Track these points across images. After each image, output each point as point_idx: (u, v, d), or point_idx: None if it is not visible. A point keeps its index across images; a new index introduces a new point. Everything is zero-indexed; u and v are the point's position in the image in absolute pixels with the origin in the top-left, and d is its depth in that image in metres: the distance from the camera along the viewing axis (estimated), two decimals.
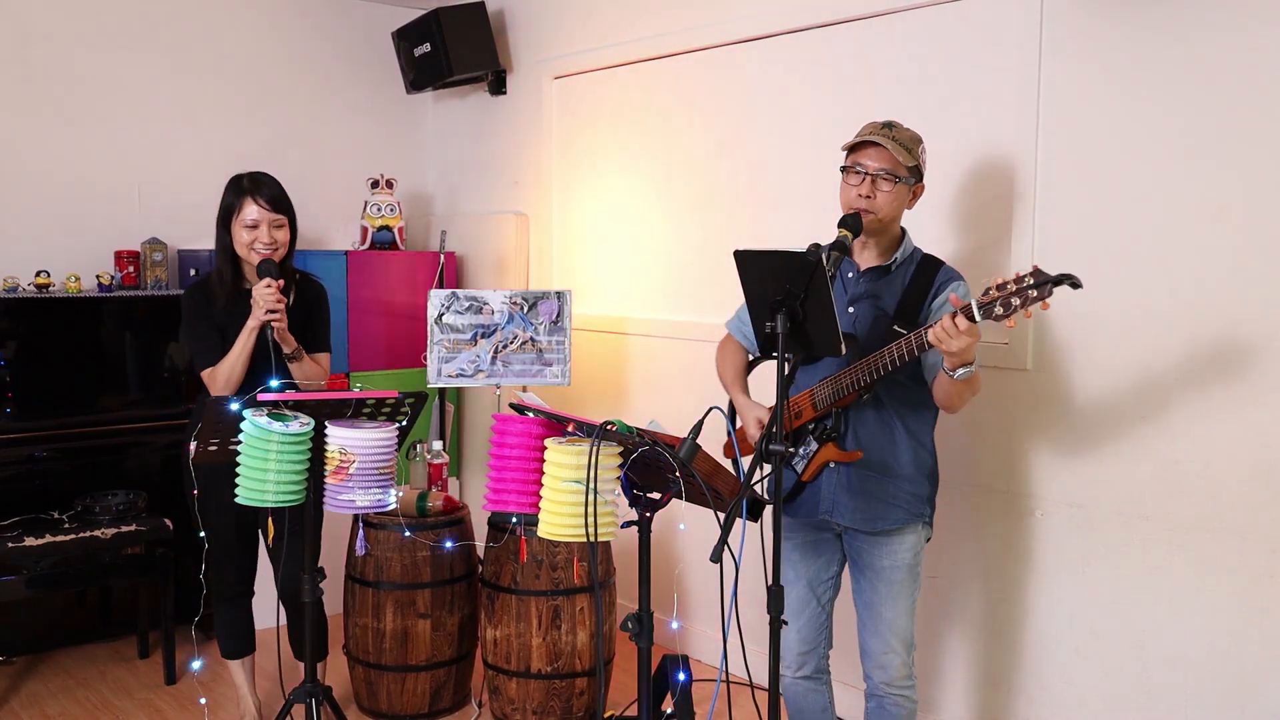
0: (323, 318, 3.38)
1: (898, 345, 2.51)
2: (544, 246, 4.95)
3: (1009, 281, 2.33)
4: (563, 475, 2.37)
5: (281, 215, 3.21)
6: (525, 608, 3.53)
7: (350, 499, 2.65)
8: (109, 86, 4.65)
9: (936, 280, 2.69)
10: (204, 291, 3.28)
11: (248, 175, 3.25)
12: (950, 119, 3.34)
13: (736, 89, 4.06)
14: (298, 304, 3.31)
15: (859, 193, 2.66)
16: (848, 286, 2.76)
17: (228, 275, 3.24)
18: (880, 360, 2.55)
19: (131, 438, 4.32)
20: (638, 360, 4.52)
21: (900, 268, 2.73)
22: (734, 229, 4.08)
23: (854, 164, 2.69)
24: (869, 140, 2.67)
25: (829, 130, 3.69)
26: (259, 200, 3.17)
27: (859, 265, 2.76)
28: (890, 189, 2.65)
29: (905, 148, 2.65)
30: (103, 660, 4.26)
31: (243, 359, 3.15)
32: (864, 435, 2.72)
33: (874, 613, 2.78)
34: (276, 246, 3.19)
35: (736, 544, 2.20)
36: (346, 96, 5.31)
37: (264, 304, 3.08)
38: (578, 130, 4.78)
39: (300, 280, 3.36)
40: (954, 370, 2.46)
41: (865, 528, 2.74)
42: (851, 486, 2.73)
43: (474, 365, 4.11)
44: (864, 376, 2.60)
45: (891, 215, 2.68)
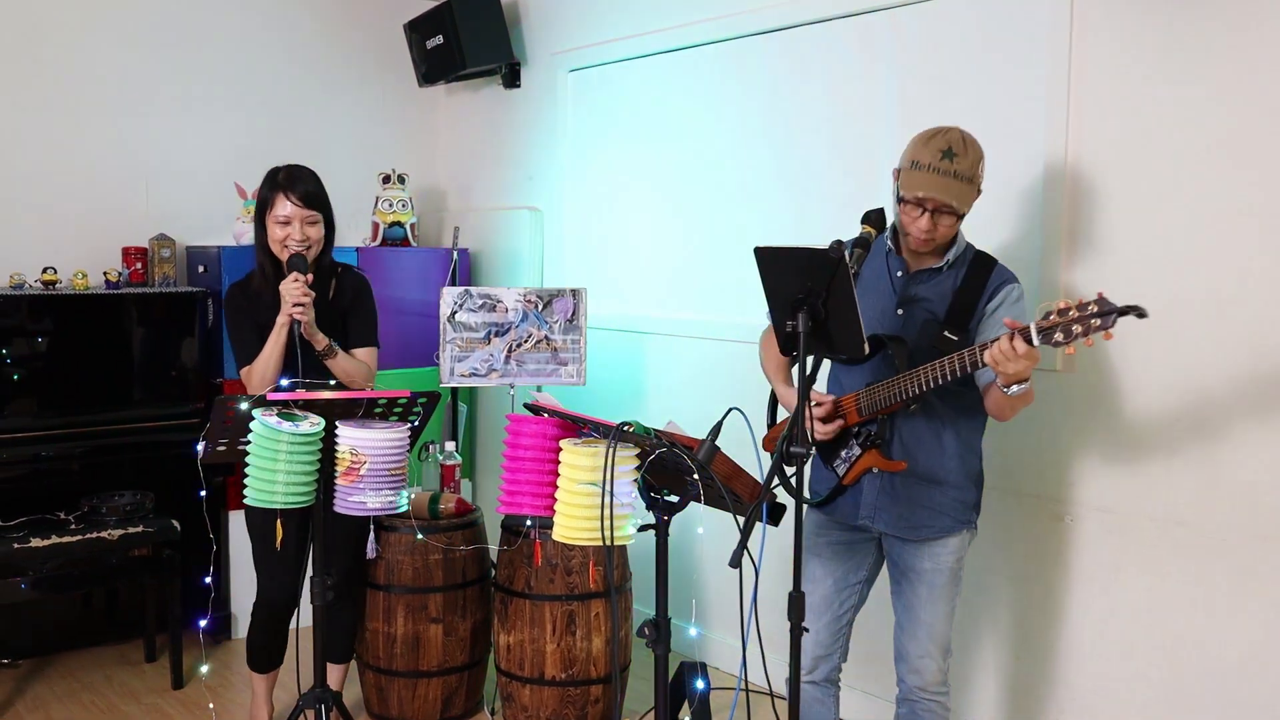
0: (367, 311, 3.37)
1: (949, 361, 2.49)
2: (559, 243, 4.95)
3: (1071, 307, 2.30)
4: (578, 477, 2.36)
5: (315, 211, 3.21)
6: (539, 613, 3.54)
7: (361, 501, 2.66)
8: (117, 81, 4.68)
9: (990, 283, 2.66)
10: (244, 289, 3.29)
11: (284, 169, 3.24)
12: (977, 110, 3.32)
13: (757, 82, 4.05)
14: (338, 297, 3.31)
15: (920, 227, 2.60)
16: (896, 287, 2.74)
17: (269, 271, 3.23)
18: (932, 373, 2.52)
19: (139, 437, 4.34)
20: (655, 360, 4.52)
21: (952, 269, 2.71)
22: (754, 225, 4.07)
23: (911, 195, 2.59)
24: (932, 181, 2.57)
25: (853, 124, 3.68)
26: (291, 196, 3.18)
27: (908, 264, 2.74)
28: (951, 224, 2.62)
29: (969, 181, 2.57)
30: (109, 664, 4.28)
31: (275, 356, 3.15)
32: (911, 442, 2.70)
33: (913, 615, 2.77)
34: (309, 243, 3.19)
35: (756, 548, 2.19)
36: (357, 90, 5.32)
37: (290, 299, 3.09)
38: (594, 124, 4.78)
39: (341, 273, 3.36)
40: (1008, 386, 2.45)
41: (908, 536, 2.73)
42: (895, 494, 2.72)
43: (487, 364, 4.11)
44: (913, 387, 2.57)
45: (951, 237, 2.67)
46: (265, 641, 3.40)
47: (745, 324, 3.98)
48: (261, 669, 3.45)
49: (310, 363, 3.14)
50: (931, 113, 2.79)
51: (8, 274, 4.22)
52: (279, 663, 3.47)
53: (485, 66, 5.01)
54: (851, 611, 2.90)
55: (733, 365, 4.08)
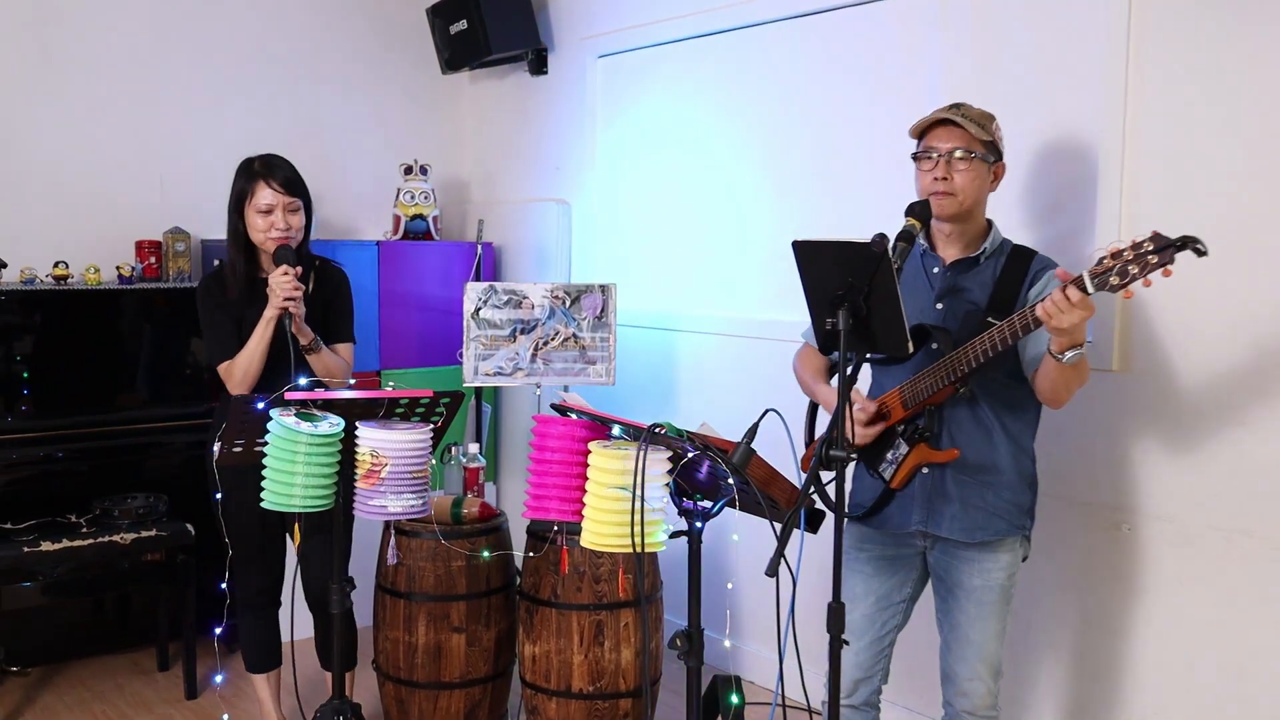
0: (344, 306, 3.41)
1: (999, 329, 2.48)
2: (588, 237, 4.95)
3: (1125, 249, 2.28)
4: (607, 481, 2.36)
5: (296, 198, 3.24)
6: (566, 622, 3.54)
7: (382, 504, 2.67)
8: (131, 70, 4.72)
9: (1031, 269, 2.66)
10: (218, 282, 3.32)
11: (259, 158, 3.29)
12: (1028, 98, 3.29)
13: (796, 67, 4.04)
14: (317, 292, 3.34)
15: (935, 176, 2.64)
16: (933, 282, 2.74)
17: (240, 265, 3.27)
18: (981, 345, 2.51)
19: (152, 438, 4.38)
20: (687, 359, 4.51)
21: (989, 260, 2.71)
22: (792, 217, 4.06)
23: (925, 148, 2.67)
24: (938, 120, 2.65)
25: (896, 112, 3.66)
26: (272, 183, 3.21)
27: (944, 259, 2.74)
28: (967, 167, 2.62)
29: (978, 124, 2.64)
30: (120, 672, 4.33)
31: (260, 351, 3.18)
32: (960, 437, 2.68)
33: (961, 635, 2.75)
34: (292, 232, 3.22)
35: (794, 557, 2.18)
36: (378, 78, 5.35)
37: (281, 292, 3.11)
38: (624, 112, 4.78)
39: (320, 267, 3.39)
40: (1062, 353, 2.43)
41: (964, 538, 2.71)
42: (948, 493, 2.70)
43: (513, 363, 4.12)
44: (960, 367, 2.56)
45: (974, 197, 2.66)
46: (259, 638, 3.48)
47: (783, 321, 3.97)
48: (261, 668, 3.51)
49: (298, 357, 3.16)
50: (979, 100, 2.76)
51: (18, 268, 4.27)
52: (277, 663, 3.53)
53: (511, 53, 5.02)
54: (894, 632, 2.88)
55: (769, 364, 4.07)
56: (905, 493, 2.75)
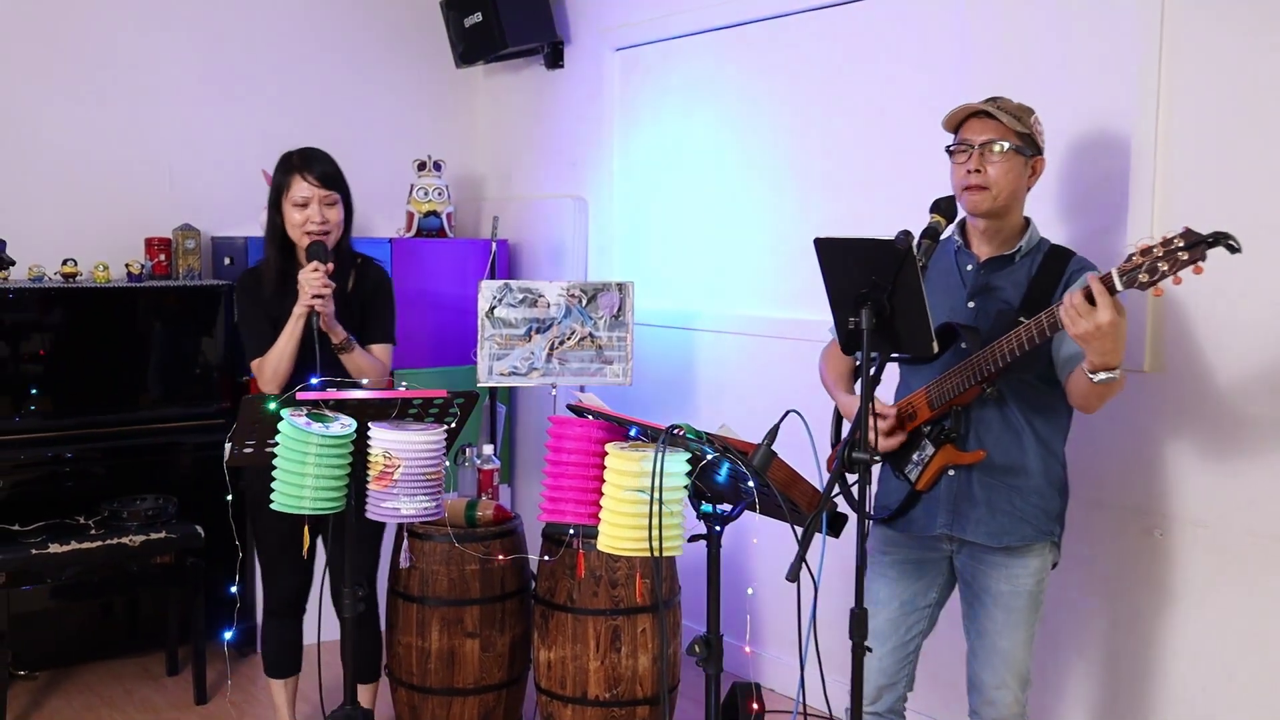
0: (384, 306, 3.42)
1: (1025, 328, 2.47)
2: (605, 234, 4.96)
3: (1154, 246, 2.26)
4: (625, 484, 2.37)
5: (334, 192, 3.26)
6: (582, 628, 3.55)
7: (394, 507, 2.68)
8: (140, 64, 4.76)
9: (1068, 269, 2.65)
10: (256, 278, 3.36)
11: (298, 151, 3.31)
12: (1058, 90, 3.29)
13: (819, 60, 4.04)
14: (356, 291, 3.36)
15: (968, 169, 2.63)
16: (966, 280, 2.74)
17: (276, 260, 3.30)
18: (1006, 346, 2.51)
19: (162, 438, 4.42)
20: (707, 359, 4.52)
21: (1025, 259, 2.70)
22: (815, 215, 4.06)
23: (960, 141, 2.67)
24: (973, 112, 2.65)
25: (924, 107, 3.66)
26: (308, 177, 3.23)
27: (978, 256, 2.74)
28: (1002, 160, 2.61)
29: (1014, 115, 2.63)
30: (129, 677, 4.36)
31: (289, 349, 3.21)
32: (988, 438, 2.68)
33: (988, 642, 2.75)
34: (329, 227, 3.24)
35: (816, 561, 2.19)
36: (391, 71, 5.37)
37: (309, 289, 3.13)
38: (642, 106, 4.79)
39: (360, 265, 3.41)
40: (1095, 373, 2.41)
41: (990, 543, 2.70)
42: (974, 497, 2.70)
43: (528, 363, 4.13)
44: (987, 366, 2.55)
45: (1009, 192, 2.64)
46: (279, 644, 3.50)
47: (805, 320, 3.97)
48: (280, 673, 3.52)
49: (329, 358, 3.18)
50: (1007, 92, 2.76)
51: (26, 266, 4.30)
52: (297, 669, 3.54)
53: (526, 46, 5.04)
54: (919, 637, 2.88)
55: (791, 364, 4.07)
56: (931, 495, 2.75)
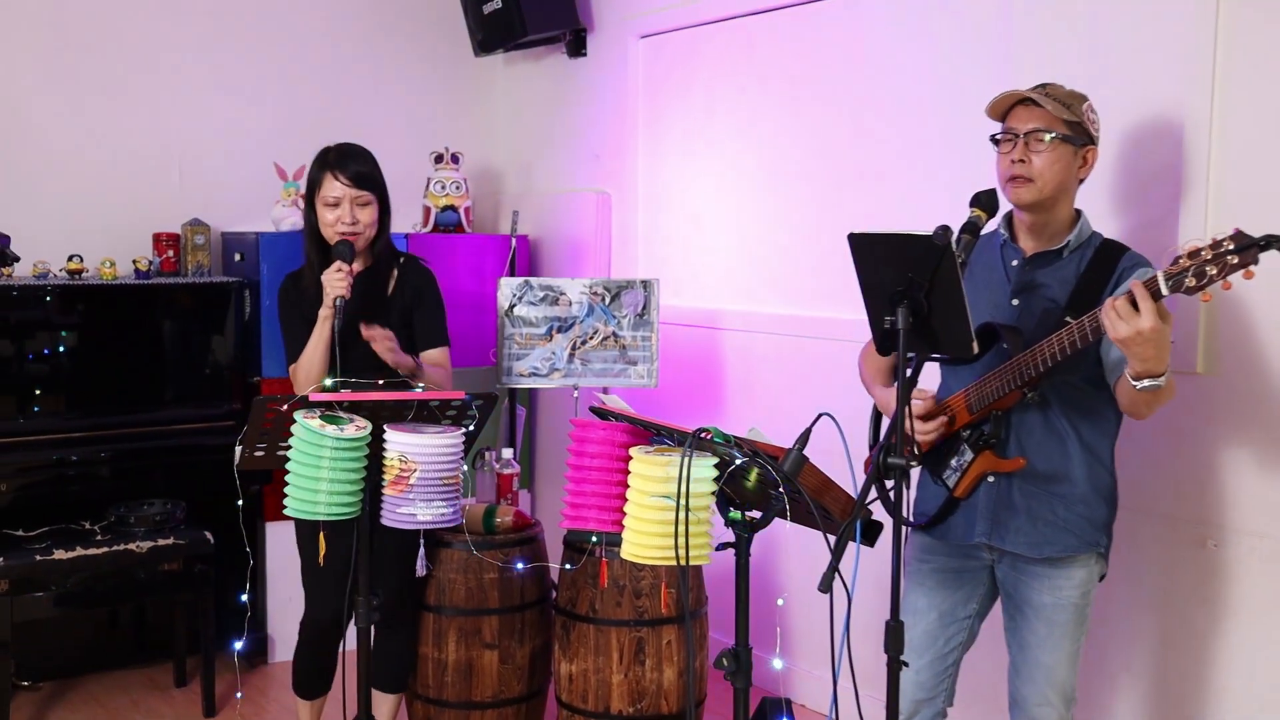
0: (434, 306, 3.41)
1: (1068, 331, 2.46)
2: (628, 229, 4.96)
3: (1203, 248, 2.24)
4: (650, 489, 2.37)
5: (366, 192, 3.26)
6: (605, 639, 3.55)
7: (410, 513, 2.69)
8: (147, 54, 4.79)
9: (1119, 266, 2.62)
10: (296, 280, 3.37)
11: (335, 147, 3.32)
12: (1105, 77, 3.26)
13: (853, 46, 4.02)
14: (399, 291, 3.37)
15: (1012, 159, 2.62)
16: (1011, 276, 2.72)
17: (315, 260, 3.30)
18: (1049, 349, 2.49)
19: (170, 440, 4.43)
20: (735, 359, 4.51)
21: (1074, 254, 2.67)
22: (848, 208, 4.04)
23: (1005, 129, 2.65)
24: (1019, 99, 2.63)
25: (965, 93, 3.64)
26: (341, 176, 3.24)
27: (1024, 251, 2.72)
28: (1047, 149, 2.59)
29: (1062, 103, 2.60)
30: (136, 688, 4.38)
31: (318, 353, 3.22)
32: (1029, 444, 2.67)
33: (1030, 657, 2.73)
34: (359, 228, 3.25)
35: (849, 571, 2.18)
36: (407, 61, 5.39)
37: (331, 291, 3.14)
38: (667, 97, 4.79)
39: (404, 264, 3.41)
40: (1138, 379, 2.39)
41: (1030, 553, 2.69)
42: (1015, 505, 2.68)
43: (549, 363, 4.14)
44: (1028, 370, 2.54)
45: (1055, 184, 2.61)
46: (312, 665, 3.44)
47: (838, 319, 3.96)
48: (308, 694, 3.50)
49: (351, 362, 3.18)
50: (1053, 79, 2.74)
51: (31, 262, 4.33)
52: (327, 688, 3.50)
53: (548, 34, 5.04)
54: (959, 650, 2.86)
55: (823, 365, 4.06)
56: (969, 502, 2.74)
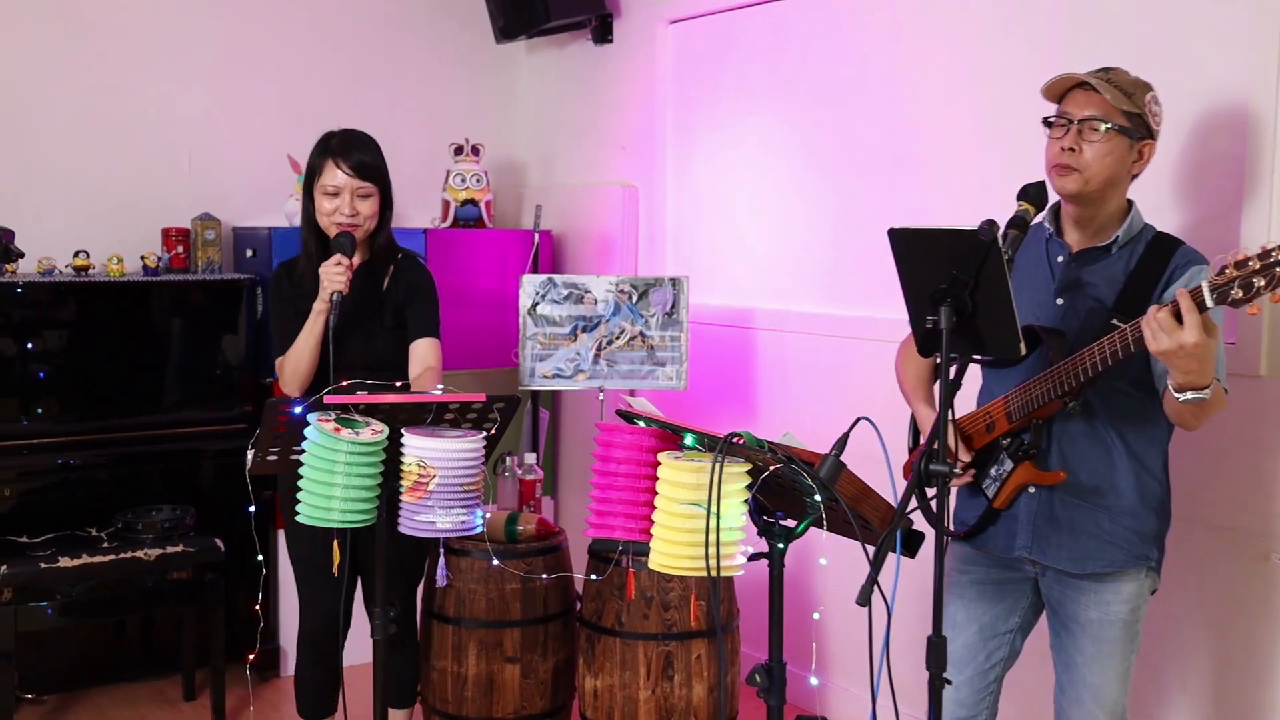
0: (424, 304, 3.42)
1: (1109, 340, 2.44)
2: (656, 224, 4.96)
3: (1252, 258, 2.21)
4: (679, 497, 2.37)
5: (369, 184, 3.28)
6: (631, 654, 3.55)
7: (429, 520, 2.70)
8: (156, 43, 4.82)
9: (1171, 263, 2.59)
10: (289, 270, 3.39)
11: (340, 133, 3.34)
12: (1164, 61, 3.23)
13: (893, 31, 4.01)
14: (393, 288, 3.38)
15: (1062, 145, 2.59)
16: (1056, 273, 2.70)
17: (313, 250, 3.31)
18: (1090, 358, 2.47)
19: (179, 444, 4.46)
20: (768, 360, 4.51)
21: (1123, 250, 2.65)
22: (888, 202, 4.03)
23: (1058, 113, 2.63)
24: (1077, 82, 2.60)
25: (1013, 81, 3.62)
26: (342, 164, 3.25)
27: (1070, 247, 2.70)
28: (1101, 139, 2.56)
29: (1124, 91, 2.57)
30: (143, 701, 4.41)
31: (308, 347, 3.22)
32: (1072, 454, 2.65)
33: (1076, 675, 2.71)
34: (359, 220, 3.27)
35: (889, 584, 2.17)
36: (425, 48, 5.40)
37: (329, 285, 3.15)
38: (697, 85, 4.78)
39: (401, 260, 3.43)
40: (1181, 391, 2.37)
41: (1072, 569, 2.68)
42: (1056, 517, 2.67)
43: (573, 364, 4.14)
44: (1069, 379, 2.53)
45: (1104, 177, 2.59)
46: (314, 684, 3.44)
47: (877, 319, 3.95)
48: (313, 715, 3.50)
49: (344, 359, 3.19)
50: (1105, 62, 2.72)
51: (36, 258, 4.36)
52: (332, 710, 3.48)
53: (572, 19, 5.05)
54: (1001, 666, 2.85)
55: (861, 367, 4.05)
56: (1010, 513, 2.73)
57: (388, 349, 3.37)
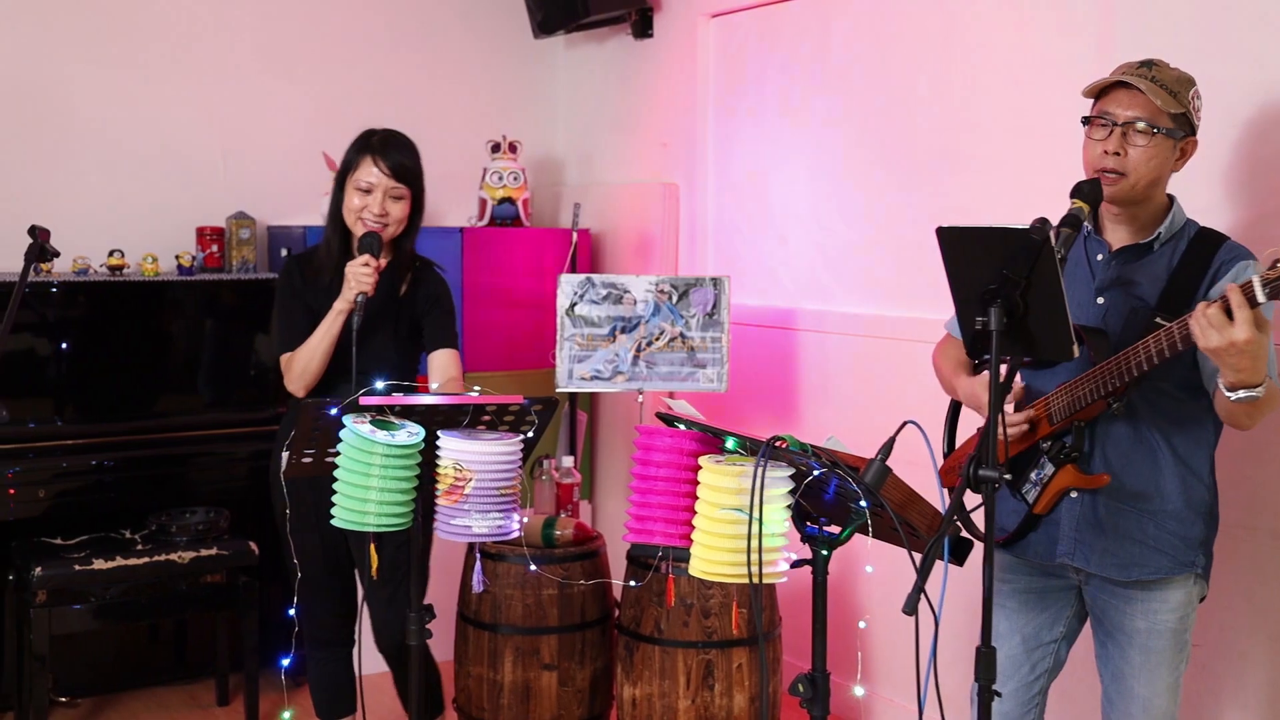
0: (444, 311, 3.43)
1: (1155, 339, 2.42)
2: (697, 222, 4.96)
3: None
4: (720, 502, 2.37)
5: (402, 185, 3.30)
6: (671, 662, 3.55)
7: (465, 524, 2.71)
8: (191, 39, 4.86)
9: (1217, 259, 2.58)
10: (303, 264, 3.40)
11: (381, 132, 3.36)
12: (1221, 55, 3.21)
13: (943, 24, 3.99)
14: (409, 297, 3.39)
15: (1105, 149, 2.58)
16: (1096, 271, 2.69)
17: (335, 246, 3.34)
18: (1135, 357, 2.46)
19: (214, 445, 4.50)
20: (812, 362, 4.49)
21: (1165, 246, 2.64)
22: (936, 201, 4.01)
23: (1099, 113, 2.61)
24: (1119, 81, 2.59)
25: (1062, 74, 3.60)
26: (380, 163, 3.27)
27: (1110, 244, 2.68)
28: (1147, 143, 2.56)
29: (1169, 91, 2.55)
30: (176, 706, 4.45)
31: (323, 348, 3.24)
32: (1115, 458, 2.64)
33: (1123, 687, 2.69)
34: (388, 221, 3.28)
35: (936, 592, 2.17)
36: (462, 43, 5.42)
37: (355, 285, 3.16)
38: (740, 80, 4.78)
39: (419, 269, 3.44)
40: (1233, 390, 2.36)
41: (1117, 577, 2.66)
42: (1099, 523, 2.65)
43: (612, 366, 4.15)
44: (1113, 380, 2.51)
45: (1149, 179, 2.59)
46: (331, 682, 3.49)
47: (924, 319, 3.93)
48: (329, 716, 3.53)
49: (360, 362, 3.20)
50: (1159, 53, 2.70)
51: (71, 257, 4.40)
52: (350, 709, 3.53)
53: (612, 13, 5.05)
54: (1045, 677, 2.84)
55: (907, 370, 4.03)
56: (1051, 519, 2.72)
57: (399, 356, 3.38)
